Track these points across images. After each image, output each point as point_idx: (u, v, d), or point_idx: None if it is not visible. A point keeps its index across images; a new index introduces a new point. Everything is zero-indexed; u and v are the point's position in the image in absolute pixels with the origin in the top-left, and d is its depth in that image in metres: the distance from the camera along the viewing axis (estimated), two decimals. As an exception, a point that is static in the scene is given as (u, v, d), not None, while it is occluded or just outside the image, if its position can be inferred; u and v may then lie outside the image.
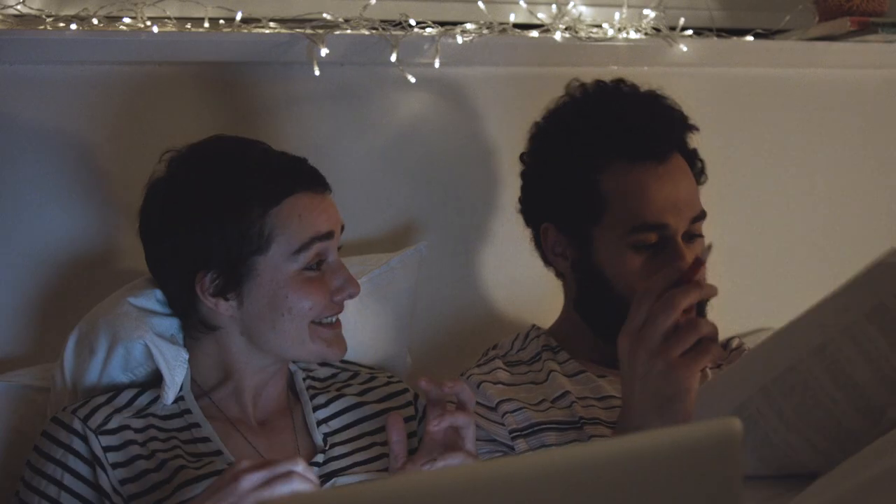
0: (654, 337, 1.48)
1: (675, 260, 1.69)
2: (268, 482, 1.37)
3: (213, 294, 1.61)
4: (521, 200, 1.89)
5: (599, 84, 1.84)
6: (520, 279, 1.98)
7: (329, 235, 1.64)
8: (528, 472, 0.77)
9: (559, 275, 1.87)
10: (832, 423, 1.34)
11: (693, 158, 1.84)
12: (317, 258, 1.63)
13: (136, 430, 1.59)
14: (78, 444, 1.56)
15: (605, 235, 1.74)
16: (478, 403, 1.71)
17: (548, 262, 1.87)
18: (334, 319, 1.67)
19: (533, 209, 1.86)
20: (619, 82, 1.84)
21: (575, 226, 1.78)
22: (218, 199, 1.60)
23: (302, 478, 1.38)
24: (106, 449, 1.56)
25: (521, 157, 1.89)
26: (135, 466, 1.56)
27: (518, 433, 1.68)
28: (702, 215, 1.77)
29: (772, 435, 1.37)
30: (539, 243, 1.85)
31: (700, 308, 1.73)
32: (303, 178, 1.65)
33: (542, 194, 1.84)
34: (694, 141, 1.86)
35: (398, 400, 1.77)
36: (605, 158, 1.74)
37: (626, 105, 1.79)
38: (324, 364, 1.79)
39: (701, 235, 1.79)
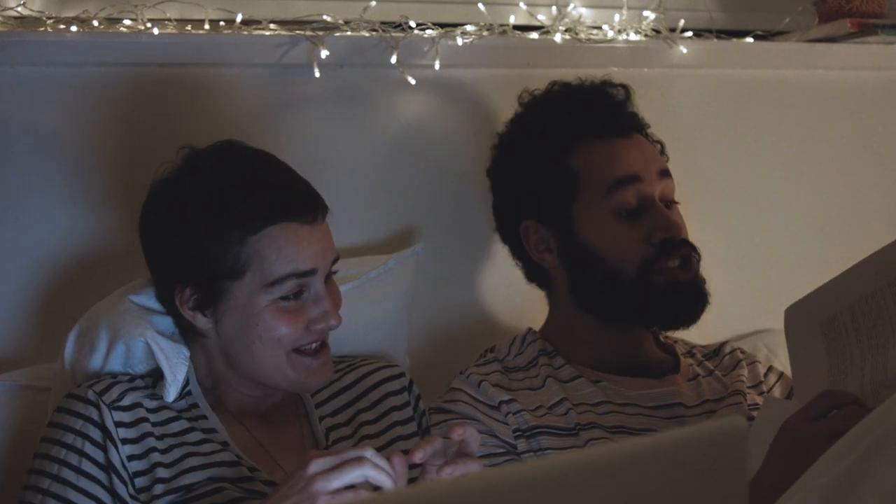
0: (830, 430, 1.43)
1: (658, 219, 1.76)
2: (337, 467, 1.36)
3: (191, 308, 1.61)
4: (496, 211, 1.92)
5: (550, 84, 1.91)
6: (517, 281, 1.97)
7: (310, 273, 1.59)
8: (535, 476, 0.77)
9: (544, 286, 1.89)
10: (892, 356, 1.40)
11: (652, 141, 1.90)
12: (295, 290, 1.59)
13: (149, 410, 1.60)
14: (95, 415, 1.56)
15: (584, 208, 1.78)
16: (479, 401, 1.73)
17: (532, 274, 1.89)
18: (315, 346, 1.63)
19: (509, 214, 1.89)
20: (554, 83, 1.91)
21: (553, 210, 1.81)
22: (199, 216, 1.59)
23: (372, 464, 1.37)
24: (118, 424, 1.56)
25: (488, 172, 1.93)
26: (144, 444, 1.57)
27: (520, 433, 1.70)
28: (668, 171, 1.83)
29: (852, 351, 1.48)
30: (521, 254, 1.87)
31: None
32: (292, 206, 1.59)
33: (515, 194, 1.87)
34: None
35: (395, 384, 1.77)
36: (570, 141, 1.80)
37: (577, 94, 1.87)
38: None
39: (676, 202, 1.83)
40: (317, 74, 1.98)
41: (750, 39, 2.37)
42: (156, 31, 1.93)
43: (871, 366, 1.47)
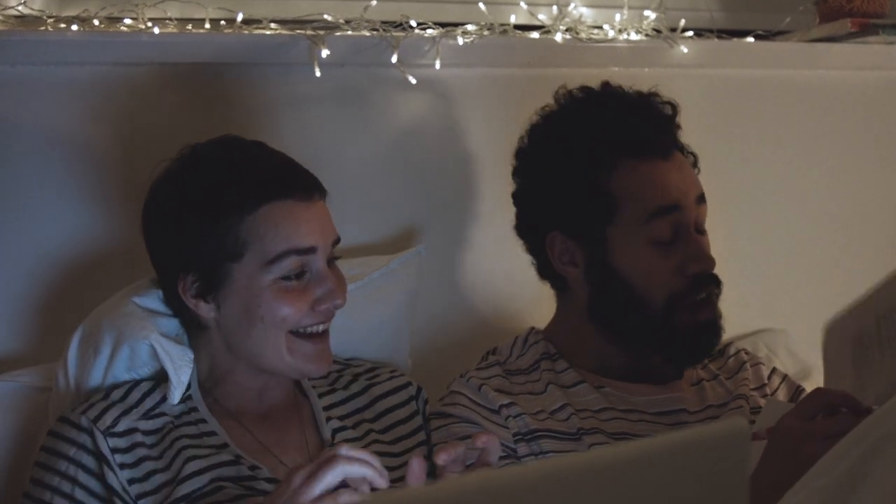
0: (823, 430, 1.44)
1: (693, 250, 1.72)
2: (315, 472, 1.36)
3: (194, 296, 1.62)
4: (520, 216, 1.86)
5: (587, 89, 1.84)
6: (520, 281, 1.97)
7: (310, 251, 1.60)
8: (537, 478, 0.77)
9: (557, 287, 1.85)
10: None
11: (686, 152, 1.86)
12: (297, 269, 1.60)
13: (145, 433, 1.60)
14: (88, 442, 1.56)
15: (620, 233, 1.74)
16: (479, 405, 1.72)
17: (547, 274, 1.84)
18: (319, 329, 1.63)
19: (536, 220, 1.83)
20: (605, 85, 1.85)
21: (586, 229, 1.76)
22: (195, 202, 1.60)
23: (346, 459, 1.36)
24: (114, 450, 1.56)
25: (513, 173, 1.86)
26: (142, 467, 1.57)
27: (521, 437, 1.69)
28: (703, 197, 1.80)
29: (875, 365, 1.48)
30: (540, 256, 1.83)
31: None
32: (286, 184, 1.60)
33: (546, 204, 1.81)
34: (693, 142, 1.88)
35: (401, 395, 1.77)
36: (612, 159, 1.74)
37: (624, 106, 1.80)
38: None
39: (704, 232, 1.80)
40: (317, 74, 1.98)
41: (751, 39, 2.37)
42: (156, 30, 1.93)
43: (887, 375, 1.47)
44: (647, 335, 1.76)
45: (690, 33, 2.29)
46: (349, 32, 2.03)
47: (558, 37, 2.17)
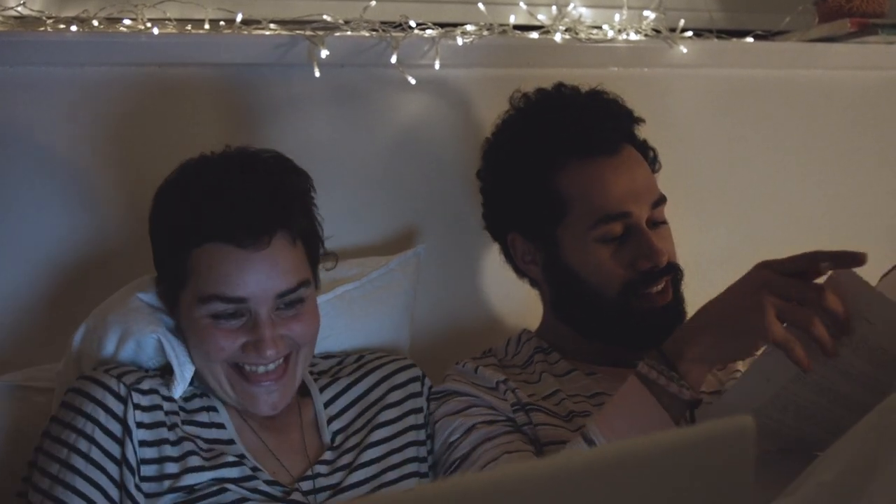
0: (785, 287, 1.43)
1: (644, 248, 1.73)
2: None
3: (164, 299, 1.67)
4: (485, 216, 1.93)
5: (541, 91, 1.88)
6: (517, 280, 1.98)
7: (238, 300, 1.56)
8: (541, 475, 0.77)
9: (533, 283, 1.90)
10: (832, 419, 1.40)
11: (644, 148, 1.87)
12: (227, 312, 1.57)
13: (164, 398, 1.61)
14: (111, 402, 1.56)
15: (569, 234, 1.77)
16: (477, 384, 1.75)
17: (520, 272, 1.90)
18: (258, 370, 1.60)
19: (497, 222, 1.91)
20: (560, 86, 1.88)
21: (539, 230, 1.81)
22: (167, 220, 1.63)
23: None
24: (136, 406, 1.57)
25: (478, 174, 1.93)
26: (156, 432, 1.57)
27: (519, 407, 1.70)
28: (662, 199, 1.81)
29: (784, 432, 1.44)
30: (508, 255, 1.89)
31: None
32: (232, 228, 1.55)
33: (503, 205, 1.88)
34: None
35: (403, 375, 1.78)
36: (558, 159, 1.78)
37: (569, 106, 1.83)
38: (326, 357, 1.80)
39: (665, 222, 1.81)
40: (317, 74, 1.98)
41: (750, 39, 2.37)
42: (156, 30, 1.93)
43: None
44: (606, 327, 1.78)
45: (690, 33, 2.29)
46: (348, 33, 2.03)
47: (557, 37, 2.18)
